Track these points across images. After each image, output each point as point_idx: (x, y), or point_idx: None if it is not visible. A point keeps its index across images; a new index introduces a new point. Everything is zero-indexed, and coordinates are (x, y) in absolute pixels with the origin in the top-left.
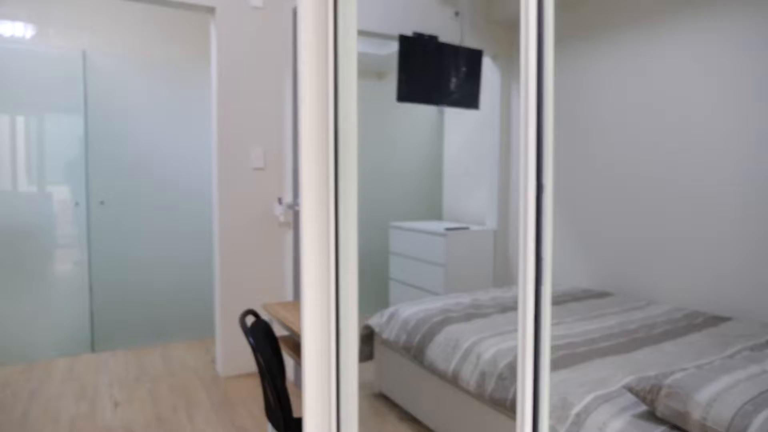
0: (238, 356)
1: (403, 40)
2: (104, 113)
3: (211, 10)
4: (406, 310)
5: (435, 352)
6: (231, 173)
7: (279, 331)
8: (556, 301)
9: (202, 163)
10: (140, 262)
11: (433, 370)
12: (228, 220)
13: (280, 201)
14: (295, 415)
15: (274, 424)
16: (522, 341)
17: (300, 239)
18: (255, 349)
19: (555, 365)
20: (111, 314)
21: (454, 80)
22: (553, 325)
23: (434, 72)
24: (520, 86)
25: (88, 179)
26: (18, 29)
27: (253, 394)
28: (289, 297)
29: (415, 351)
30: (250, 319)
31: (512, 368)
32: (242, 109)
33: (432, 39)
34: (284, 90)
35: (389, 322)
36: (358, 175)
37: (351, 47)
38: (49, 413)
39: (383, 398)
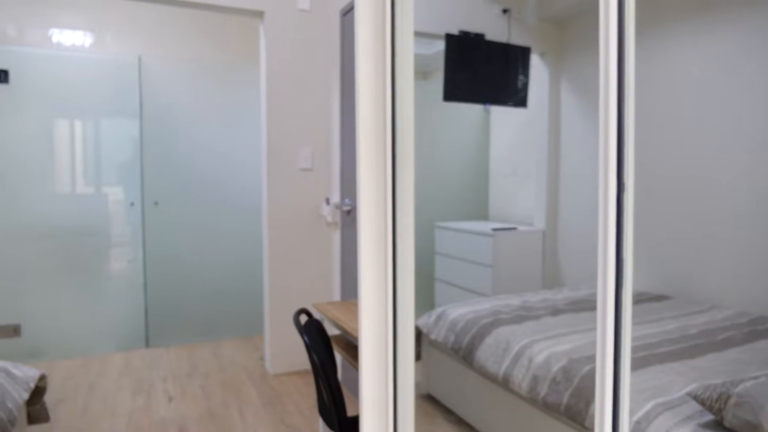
0: (287, 354)
1: (450, 39)
2: (158, 116)
3: (260, 14)
4: (455, 311)
5: (485, 354)
6: (279, 173)
7: (330, 330)
8: None
9: (252, 163)
10: (192, 260)
11: (482, 373)
12: (276, 220)
13: (327, 201)
14: (348, 413)
15: (328, 423)
16: (601, 346)
17: (358, 239)
18: (310, 348)
19: None
20: (164, 311)
21: (501, 78)
22: None
23: (481, 70)
24: (600, 80)
25: (143, 180)
26: (78, 38)
27: (302, 391)
28: (337, 296)
29: (464, 352)
30: (297, 318)
31: (566, 372)
32: (290, 111)
33: (479, 37)
34: (331, 91)
35: (437, 323)
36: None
37: (407, 47)
38: (108, 406)
39: (431, 399)
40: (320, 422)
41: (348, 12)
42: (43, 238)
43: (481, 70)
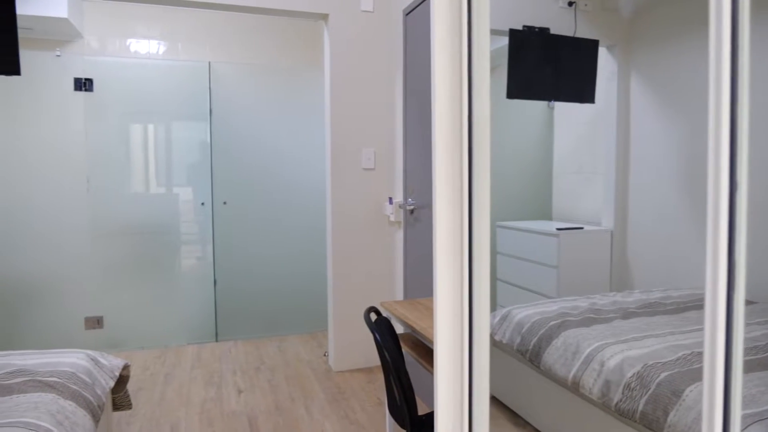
0: (350, 351)
1: (514, 34)
2: (227, 119)
3: (324, 17)
4: (520, 312)
5: (553, 357)
6: (343, 173)
7: (396, 329)
8: (692, 307)
9: (316, 163)
10: (259, 258)
11: (550, 376)
12: (340, 219)
13: (390, 200)
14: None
15: (399, 421)
16: (710, 355)
17: (433, 240)
18: (381, 346)
19: (691, 377)
20: (232, 306)
21: (567, 74)
22: (686, 332)
23: (546, 66)
24: (709, 67)
25: (212, 181)
26: (152, 46)
27: (366, 389)
28: (399, 295)
29: (530, 355)
30: (367, 316)
31: (642, 379)
32: (353, 111)
33: (543, 31)
34: (394, 91)
35: (502, 324)
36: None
37: (484, 45)
38: (183, 396)
39: (495, 401)
40: (387, 420)
41: (411, 11)
42: (121, 235)
43: (546, 66)
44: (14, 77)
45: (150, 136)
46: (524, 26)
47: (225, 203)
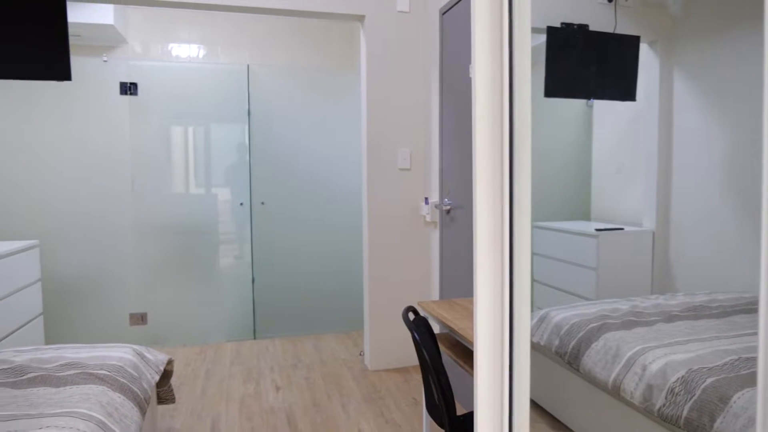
0: (385, 351)
1: (552, 32)
2: (265, 121)
3: (360, 18)
4: (558, 314)
5: (592, 360)
6: (379, 174)
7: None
8: (740, 311)
9: (353, 164)
10: (296, 257)
11: (589, 379)
12: (376, 219)
13: (426, 200)
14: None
15: (437, 421)
16: (765, 361)
17: (474, 240)
18: (420, 345)
19: (739, 384)
20: (270, 305)
21: (607, 71)
22: (733, 337)
23: (585, 63)
24: (764, 65)
25: (251, 181)
26: (193, 50)
27: (401, 388)
28: (435, 295)
29: (569, 357)
30: (406, 315)
31: (686, 384)
32: (389, 112)
33: (582, 28)
34: (430, 91)
35: (539, 326)
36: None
37: (525, 45)
38: (223, 391)
39: (532, 404)
40: (424, 419)
41: (448, 11)
42: (164, 235)
43: (585, 63)
44: (64, 82)
45: (191, 137)
46: (562, 23)
47: (263, 203)
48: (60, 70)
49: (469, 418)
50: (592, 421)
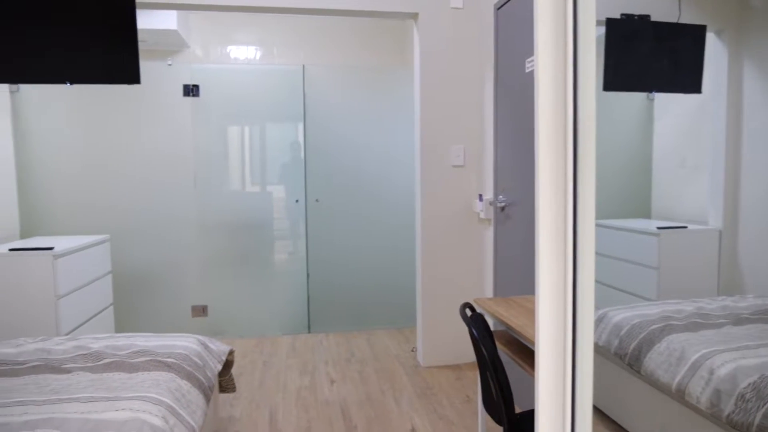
0: (438, 348)
1: (611, 23)
2: (319, 120)
3: (414, 16)
4: (618, 314)
5: (655, 363)
6: (432, 170)
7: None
8: None
9: (406, 161)
10: (349, 253)
11: (651, 382)
12: (429, 216)
13: (480, 197)
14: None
15: (495, 418)
16: None
17: (536, 238)
18: (478, 341)
19: None
20: (324, 300)
21: (670, 62)
22: None
23: (647, 55)
24: None
25: (306, 179)
26: (250, 52)
27: (454, 385)
28: (489, 292)
29: (629, 359)
30: (463, 311)
31: (758, 390)
32: (443, 108)
33: (643, 19)
34: (485, 87)
35: (598, 326)
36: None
37: (590, 37)
38: (280, 382)
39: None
40: (479, 416)
41: (502, 6)
42: (223, 230)
43: (646, 55)
44: (133, 85)
45: (249, 137)
46: (622, 14)
47: (317, 200)
48: (130, 75)
49: (526, 416)
50: (654, 425)
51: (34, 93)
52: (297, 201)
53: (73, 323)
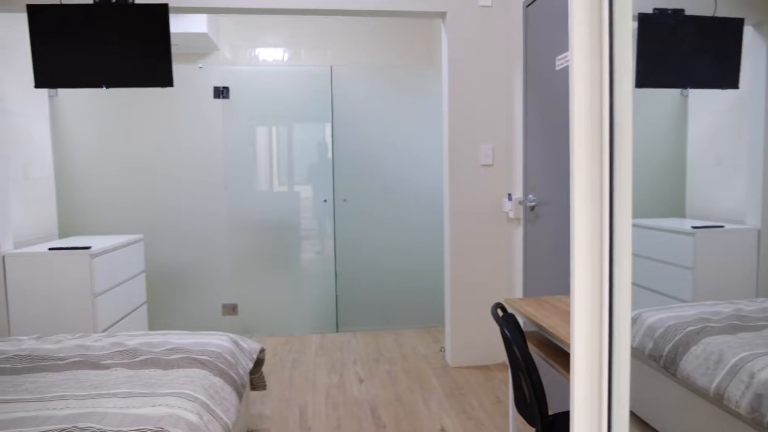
0: (467, 348)
1: (644, 18)
2: (347, 119)
3: (442, 15)
4: (652, 316)
5: (691, 366)
6: (460, 170)
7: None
8: None
9: (433, 160)
10: (377, 253)
11: (688, 386)
12: (457, 215)
13: (509, 197)
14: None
15: (528, 419)
16: None
17: (571, 236)
18: (511, 342)
19: None
20: (352, 299)
21: (706, 57)
22: None
23: (681, 50)
24: None
25: (334, 179)
26: (278, 54)
27: (483, 386)
28: (519, 292)
29: (664, 362)
30: (495, 311)
31: None
32: (471, 107)
33: (677, 13)
34: (514, 85)
35: (631, 327)
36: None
37: (626, 33)
38: (309, 380)
39: None
40: (510, 417)
41: (532, 3)
42: (252, 230)
43: (680, 50)
44: (166, 88)
45: (278, 137)
46: (655, 9)
47: (345, 200)
48: (163, 78)
49: (559, 418)
50: (691, 429)
51: (71, 97)
52: (325, 201)
53: (109, 320)
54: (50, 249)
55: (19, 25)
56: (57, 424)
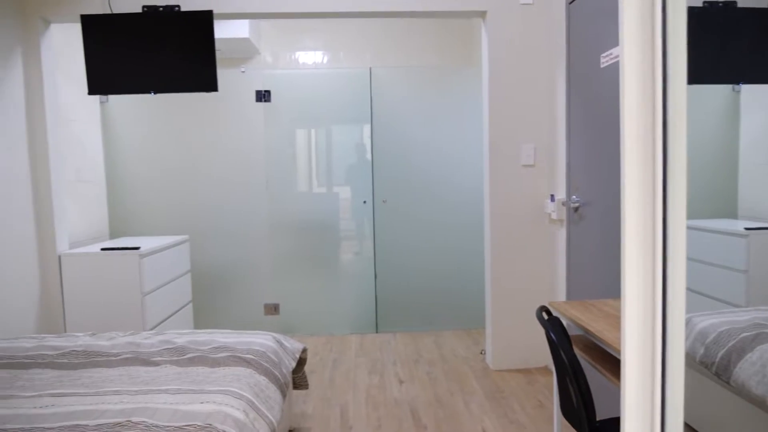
0: (508, 351)
1: (693, 12)
2: (386, 121)
3: (482, 14)
4: (704, 320)
5: (746, 373)
6: (501, 170)
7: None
8: None
9: (473, 160)
10: (416, 254)
11: (742, 394)
12: (498, 216)
13: (552, 197)
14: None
15: (575, 425)
16: None
17: (622, 238)
18: (557, 345)
19: None
20: (391, 300)
21: (759, 51)
22: None
23: (733, 45)
24: None
25: (373, 180)
26: (317, 57)
27: (526, 390)
28: (562, 295)
29: (717, 368)
30: (540, 314)
31: None
32: (512, 107)
33: (729, 6)
34: (556, 84)
35: None
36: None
37: (680, 28)
38: (350, 380)
39: None
40: (555, 423)
41: (574, 0)
42: (293, 231)
43: (733, 45)
44: (211, 93)
45: (318, 139)
46: (705, 2)
47: (384, 201)
48: (208, 83)
49: (608, 424)
50: None
51: (120, 103)
52: (365, 202)
53: (156, 319)
54: (102, 249)
55: (73, 35)
56: (113, 418)
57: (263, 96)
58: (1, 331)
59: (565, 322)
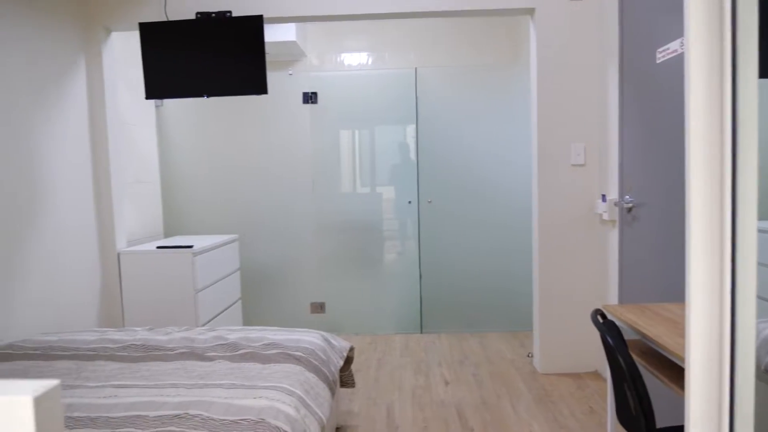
0: (556, 354)
1: (763, 2)
2: (431, 121)
3: (530, 11)
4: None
5: None
6: (550, 170)
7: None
8: None
9: (520, 160)
10: (462, 254)
11: None
12: (546, 217)
13: (603, 198)
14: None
15: None
16: None
17: (687, 241)
18: (614, 350)
19: None
20: (436, 300)
21: None
22: None
23: None
24: None
25: (418, 180)
26: (362, 58)
27: (575, 395)
28: (614, 298)
29: None
30: (595, 318)
31: None
32: (561, 105)
33: None
34: (608, 81)
35: None
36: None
37: (751, 19)
38: (395, 381)
39: None
40: (609, 429)
41: None
42: (338, 230)
43: None
44: (261, 95)
45: (364, 140)
46: None
47: (430, 202)
48: (258, 86)
49: None
50: None
51: (174, 106)
52: (410, 202)
53: (208, 315)
54: (158, 247)
55: (130, 42)
56: (172, 410)
57: (310, 98)
58: (66, 324)
59: (619, 326)
